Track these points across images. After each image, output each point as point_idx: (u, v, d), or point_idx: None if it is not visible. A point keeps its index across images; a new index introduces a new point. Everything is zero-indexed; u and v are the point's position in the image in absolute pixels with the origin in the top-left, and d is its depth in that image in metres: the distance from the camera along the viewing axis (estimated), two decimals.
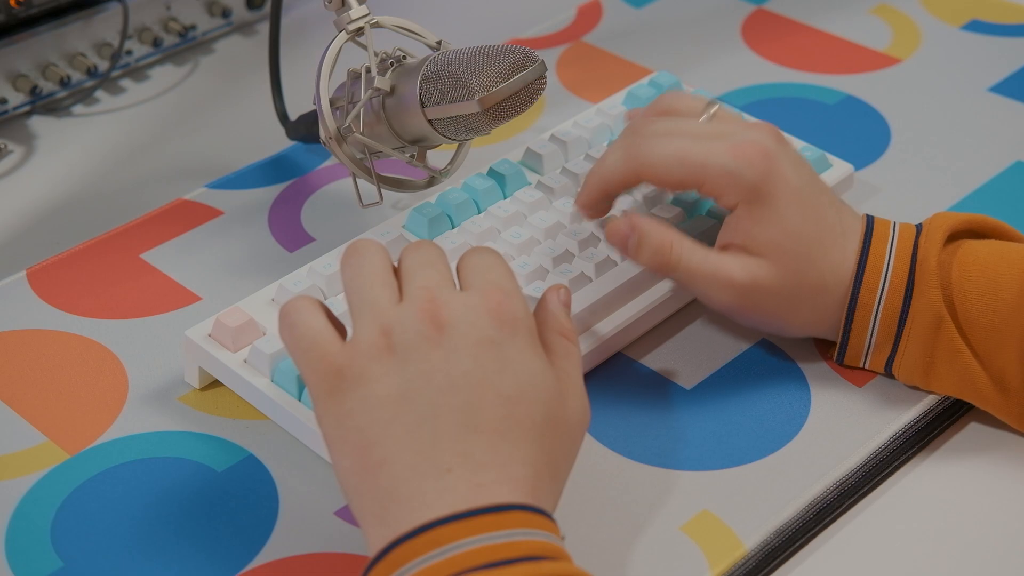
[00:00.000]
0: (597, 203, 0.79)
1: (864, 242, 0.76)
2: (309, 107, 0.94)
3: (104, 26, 1.04)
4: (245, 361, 0.76)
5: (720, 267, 0.75)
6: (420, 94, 0.79)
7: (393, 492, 0.62)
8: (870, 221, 0.78)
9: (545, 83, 0.79)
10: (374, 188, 0.84)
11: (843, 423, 0.76)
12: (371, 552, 0.62)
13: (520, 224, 0.84)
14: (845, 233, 0.77)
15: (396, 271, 0.67)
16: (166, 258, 0.88)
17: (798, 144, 0.92)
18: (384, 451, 0.62)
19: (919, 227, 0.77)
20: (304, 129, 0.94)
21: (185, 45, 1.10)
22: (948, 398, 0.77)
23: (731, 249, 0.76)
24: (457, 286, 0.67)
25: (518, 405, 0.63)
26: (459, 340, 0.63)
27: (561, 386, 0.65)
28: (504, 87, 0.77)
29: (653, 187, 0.84)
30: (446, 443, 0.62)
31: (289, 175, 0.95)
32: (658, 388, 0.79)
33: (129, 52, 1.06)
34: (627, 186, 0.78)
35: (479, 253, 0.68)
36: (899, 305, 0.75)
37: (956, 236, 0.77)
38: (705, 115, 0.79)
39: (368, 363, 0.63)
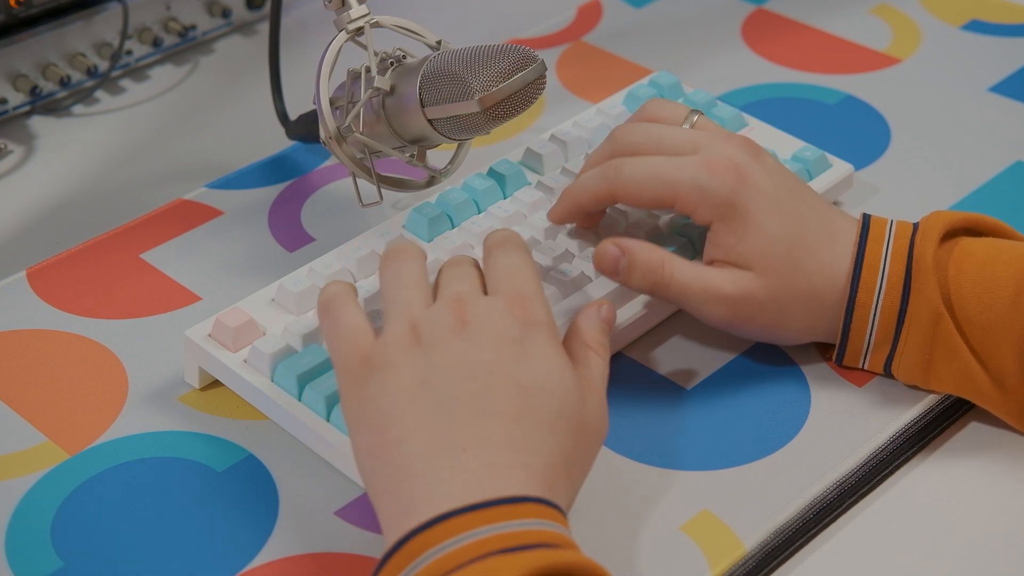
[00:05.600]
0: (571, 219, 0.81)
1: (860, 242, 0.76)
2: (309, 107, 0.94)
3: (104, 26, 1.04)
4: (245, 361, 0.76)
5: (711, 281, 0.76)
6: (420, 94, 0.79)
7: (407, 468, 0.63)
8: (866, 220, 0.78)
9: (545, 83, 0.79)
10: (374, 188, 0.83)
11: (843, 423, 0.76)
12: (384, 532, 0.63)
13: (520, 224, 0.84)
14: (832, 236, 0.77)
15: (435, 284, 0.70)
16: (166, 258, 0.88)
17: (798, 144, 0.92)
18: (401, 430, 0.64)
19: (916, 225, 0.77)
20: (304, 129, 0.94)
21: (185, 45, 1.10)
22: (948, 398, 0.77)
23: (718, 264, 0.76)
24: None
25: (534, 396, 0.65)
26: (481, 334, 0.66)
27: (581, 388, 0.67)
28: (504, 87, 0.77)
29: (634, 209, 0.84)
30: (462, 425, 0.63)
31: (289, 175, 0.95)
32: (658, 388, 0.79)
33: (129, 52, 1.06)
34: (601, 205, 0.79)
35: (505, 252, 0.70)
36: (897, 304, 0.75)
37: (953, 234, 0.77)
38: (687, 123, 0.80)
39: (395, 353, 0.66)
